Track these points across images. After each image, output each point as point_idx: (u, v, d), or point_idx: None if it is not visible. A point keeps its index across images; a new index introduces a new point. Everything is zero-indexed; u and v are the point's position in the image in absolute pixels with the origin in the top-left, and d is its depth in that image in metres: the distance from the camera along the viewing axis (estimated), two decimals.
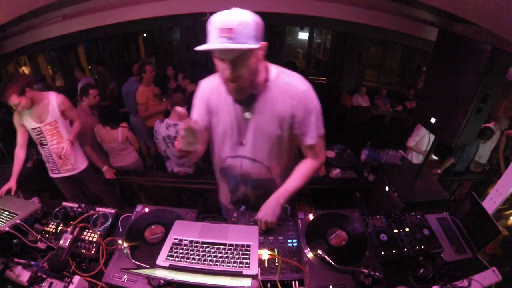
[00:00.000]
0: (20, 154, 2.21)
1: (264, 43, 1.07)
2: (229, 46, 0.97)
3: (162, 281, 1.10)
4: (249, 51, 1.02)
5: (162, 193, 3.67)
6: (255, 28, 1.00)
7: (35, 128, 2.21)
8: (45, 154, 2.39)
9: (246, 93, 1.17)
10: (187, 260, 1.09)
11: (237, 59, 1.03)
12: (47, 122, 2.21)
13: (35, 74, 6.43)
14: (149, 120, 3.85)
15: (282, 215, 1.36)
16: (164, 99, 3.94)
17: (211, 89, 1.32)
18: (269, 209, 1.30)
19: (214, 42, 0.99)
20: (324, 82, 7.69)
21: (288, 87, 1.21)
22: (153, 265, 1.11)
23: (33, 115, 2.17)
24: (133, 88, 3.92)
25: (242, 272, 1.05)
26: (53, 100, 2.21)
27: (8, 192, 1.86)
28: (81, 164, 2.56)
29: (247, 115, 1.26)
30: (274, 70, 1.24)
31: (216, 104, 1.31)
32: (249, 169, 1.40)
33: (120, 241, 1.29)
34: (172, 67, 4.78)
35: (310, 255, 1.22)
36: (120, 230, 1.44)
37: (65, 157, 2.31)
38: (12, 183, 1.92)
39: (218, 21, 0.98)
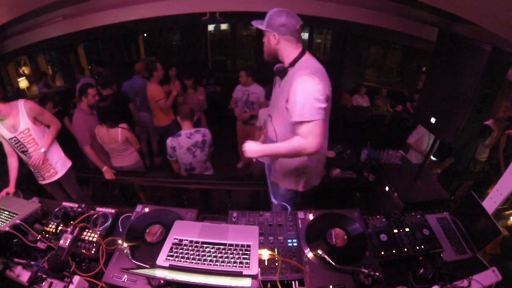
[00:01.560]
0: (12, 162, 2.23)
1: (274, 32, 1.46)
2: (254, 22, 1.54)
3: (162, 281, 1.10)
4: (263, 31, 1.51)
5: (162, 193, 3.67)
6: (269, 18, 1.47)
7: (12, 138, 2.20)
8: (27, 161, 2.35)
9: (266, 59, 1.60)
10: (187, 260, 1.09)
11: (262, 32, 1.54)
12: (20, 130, 2.18)
13: (35, 73, 6.43)
14: (160, 118, 3.94)
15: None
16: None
17: None
18: (252, 147, 1.52)
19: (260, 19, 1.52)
20: None
21: (297, 72, 1.44)
22: (153, 265, 1.11)
23: (7, 126, 2.15)
24: (142, 86, 3.90)
25: (242, 272, 1.05)
26: (22, 108, 2.16)
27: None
28: (63, 167, 2.53)
29: (278, 84, 1.64)
30: (305, 58, 1.51)
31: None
32: (268, 126, 1.75)
33: (120, 241, 1.29)
34: (175, 68, 4.74)
35: (310, 255, 1.22)
36: (120, 230, 1.44)
37: (37, 167, 2.33)
38: (10, 188, 1.99)
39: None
